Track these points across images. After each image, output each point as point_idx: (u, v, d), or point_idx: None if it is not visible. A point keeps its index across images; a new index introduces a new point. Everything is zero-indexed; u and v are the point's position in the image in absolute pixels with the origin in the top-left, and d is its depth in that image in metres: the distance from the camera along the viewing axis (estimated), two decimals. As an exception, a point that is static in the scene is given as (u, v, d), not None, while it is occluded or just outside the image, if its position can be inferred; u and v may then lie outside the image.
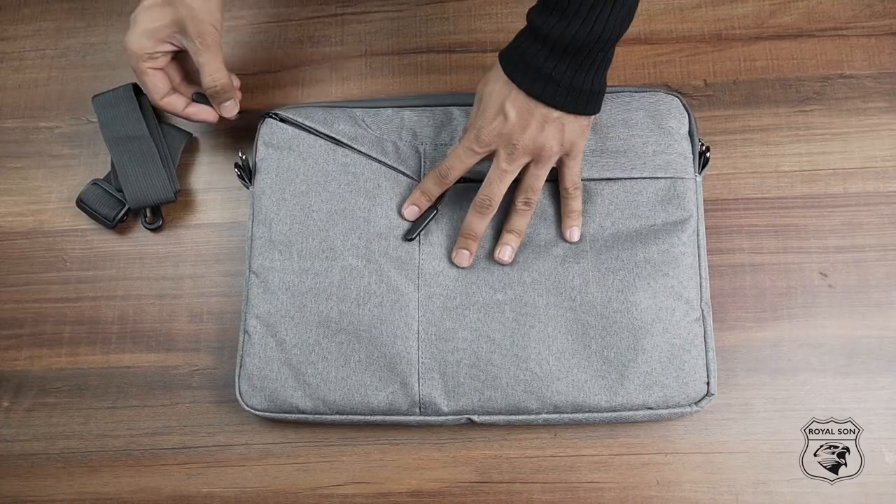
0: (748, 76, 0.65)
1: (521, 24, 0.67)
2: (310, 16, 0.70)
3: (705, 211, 0.61)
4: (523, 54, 0.51)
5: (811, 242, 0.61)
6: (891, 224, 0.61)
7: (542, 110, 0.51)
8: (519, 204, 0.56)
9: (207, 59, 0.57)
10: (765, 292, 0.60)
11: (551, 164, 0.55)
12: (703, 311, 0.56)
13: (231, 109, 0.61)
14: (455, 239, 0.57)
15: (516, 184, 0.56)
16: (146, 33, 0.57)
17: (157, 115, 0.65)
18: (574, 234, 0.57)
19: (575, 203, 0.57)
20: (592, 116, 0.53)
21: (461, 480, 0.58)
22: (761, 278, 0.60)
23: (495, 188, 0.55)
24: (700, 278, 0.57)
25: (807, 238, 0.61)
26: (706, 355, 0.55)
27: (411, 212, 0.58)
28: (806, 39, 0.65)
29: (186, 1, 0.55)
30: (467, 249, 0.57)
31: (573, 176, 0.56)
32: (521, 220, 0.57)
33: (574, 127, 0.53)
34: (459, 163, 0.55)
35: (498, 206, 0.56)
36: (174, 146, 0.65)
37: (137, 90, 0.65)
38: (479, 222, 0.56)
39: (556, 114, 0.51)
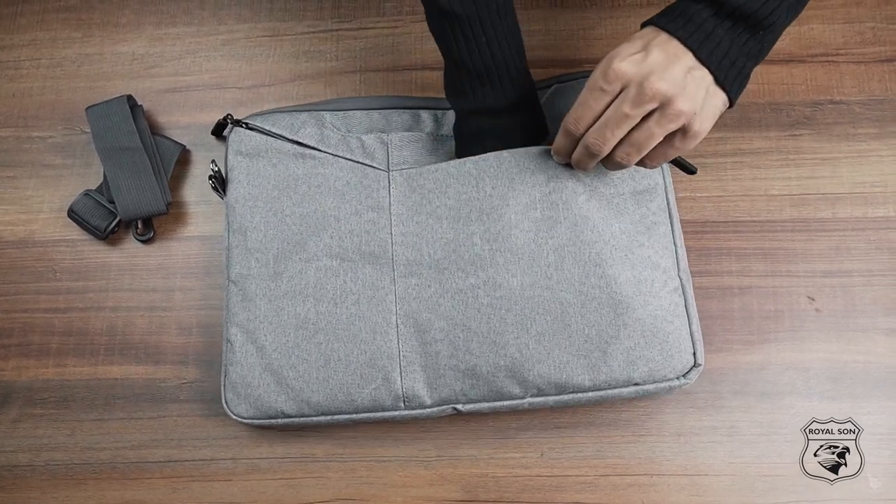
0: (740, 99, 0.65)
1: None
2: (305, 31, 0.70)
3: (695, 232, 0.62)
4: (684, 11, 0.46)
5: (799, 266, 0.61)
6: (878, 249, 0.61)
7: (689, 61, 0.46)
8: (617, 155, 0.49)
9: None
10: (752, 315, 0.60)
11: (673, 126, 0.47)
12: (681, 279, 0.56)
13: None
14: (427, 227, 0.56)
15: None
16: None
17: (150, 127, 0.65)
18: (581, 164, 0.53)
19: (627, 165, 0.50)
20: (725, 108, 0.49)
21: (447, 498, 0.58)
22: (749, 301, 0.61)
23: (609, 134, 0.48)
24: (675, 247, 0.57)
25: (795, 262, 0.61)
26: (689, 325, 0.55)
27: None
28: (797, 65, 0.66)
29: None
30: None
31: (666, 158, 0.50)
32: (591, 164, 0.52)
33: (712, 101, 0.47)
34: (587, 109, 0.48)
35: (606, 155, 0.50)
36: (167, 158, 0.65)
37: (131, 102, 0.66)
38: (584, 166, 0.52)
39: (702, 72, 0.46)
